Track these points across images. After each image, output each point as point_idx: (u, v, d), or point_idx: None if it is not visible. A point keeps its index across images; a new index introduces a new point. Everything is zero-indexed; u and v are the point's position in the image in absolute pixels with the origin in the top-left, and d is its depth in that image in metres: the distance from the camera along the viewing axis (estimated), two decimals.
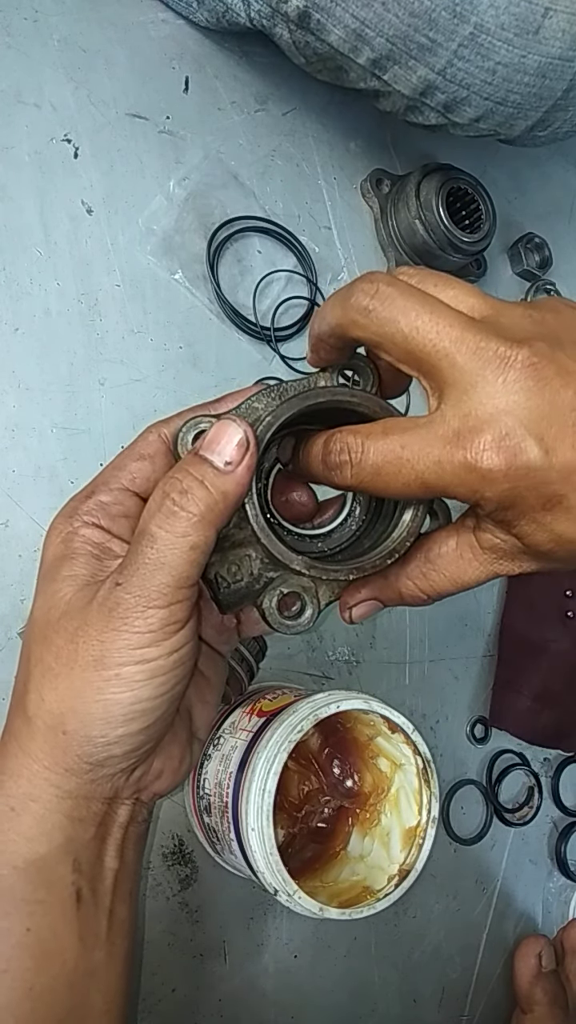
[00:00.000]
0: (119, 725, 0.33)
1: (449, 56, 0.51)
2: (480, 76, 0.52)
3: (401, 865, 0.47)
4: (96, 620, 0.33)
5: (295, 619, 0.35)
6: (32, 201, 0.55)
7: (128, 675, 0.33)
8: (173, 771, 0.38)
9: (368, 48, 0.52)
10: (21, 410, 0.53)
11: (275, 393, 0.36)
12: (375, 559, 0.36)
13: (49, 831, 0.34)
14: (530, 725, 0.68)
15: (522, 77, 0.52)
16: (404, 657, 0.64)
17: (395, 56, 0.52)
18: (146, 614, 0.32)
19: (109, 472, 0.37)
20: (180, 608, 0.33)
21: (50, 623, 0.35)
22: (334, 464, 0.33)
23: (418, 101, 0.55)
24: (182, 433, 0.35)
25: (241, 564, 0.35)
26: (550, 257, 0.76)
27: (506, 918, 0.67)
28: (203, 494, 0.32)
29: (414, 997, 0.62)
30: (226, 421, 0.34)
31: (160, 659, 0.33)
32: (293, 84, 0.66)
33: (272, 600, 0.35)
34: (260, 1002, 0.56)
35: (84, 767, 0.34)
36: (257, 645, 0.55)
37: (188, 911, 0.54)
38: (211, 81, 0.63)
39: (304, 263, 0.64)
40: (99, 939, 0.36)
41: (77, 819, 0.35)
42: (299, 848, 0.51)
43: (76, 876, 0.35)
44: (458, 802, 0.65)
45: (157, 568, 0.32)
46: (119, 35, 0.60)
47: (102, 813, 0.36)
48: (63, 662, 0.34)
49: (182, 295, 0.59)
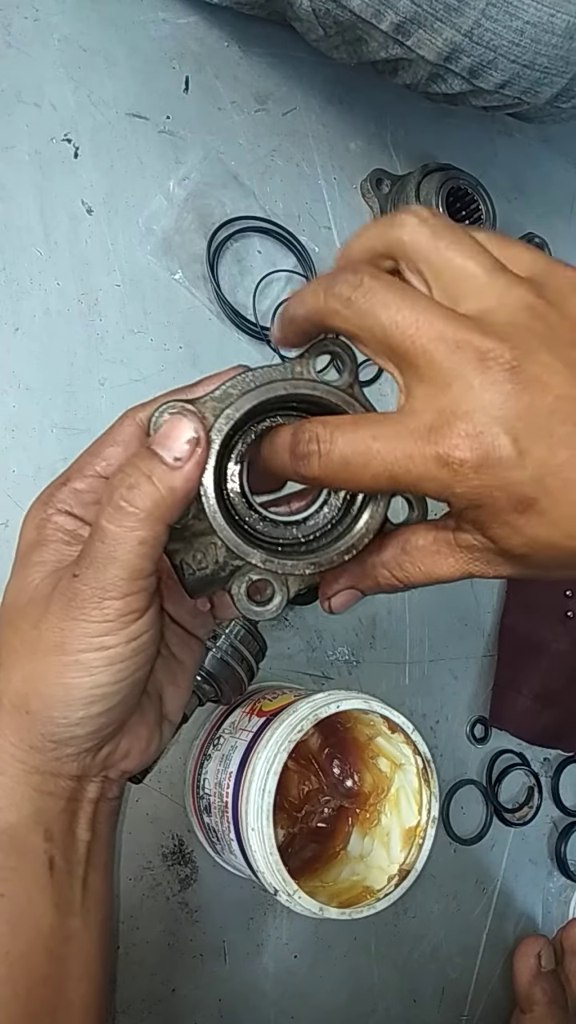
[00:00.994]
0: (79, 708, 0.34)
1: (476, 16, 0.50)
2: (508, 36, 0.51)
3: (401, 865, 0.47)
4: (56, 608, 0.34)
5: (264, 605, 0.35)
6: (32, 201, 0.55)
7: (87, 661, 0.34)
8: (141, 751, 0.39)
9: (392, 11, 0.51)
10: (21, 410, 0.53)
11: (252, 378, 0.35)
12: (332, 555, 0.36)
13: (18, 802, 0.36)
14: (530, 725, 0.68)
15: (550, 38, 0.51)
16: (404, 657, 0.64)
17: (420, 18, 0.51)
18: (102, 605, 0.33)
19: (84, 459, 0.38)
20: (136, 599, 0.33)
21: (18, 608, 0.36)
22: (302, 453, 0.33)
23: (442, 68, 0.54)
24: (154, 418, 0.34)
25: (207, 552, 0.35)
26: None
27: (506, 918, 0.67)
28: (150, 490, 0.32)
29: (414, 997, 0.62)
30: (179, 416, 0.33)
31: (119, 647, 0.34)
32: (293, 84, 0.66)
33: (242, 587, 0.35)
34: (260, 1002, 0.56)
35: (48, 745, 0.35)
36: (257, 645, 0.55)
37: (188, 911, 0.54)
38: (211, 81, 0.63)
39: (304, 263, 0.64)
40: (74, 907, 0.37)
41: (46, 792, 0.36)
42: (299, 848, 0.51)
43: (48, 845, 0.36)
44: (458, 802, 0.65)
45: (109, 562, 0.32)
46: (119, 35, 0.60)
47: (71, 789, 0.37)
48: (27, 646, 0.35)
49: (182, 295, 0.59)
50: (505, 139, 0.77)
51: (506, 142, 0.77)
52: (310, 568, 0.35)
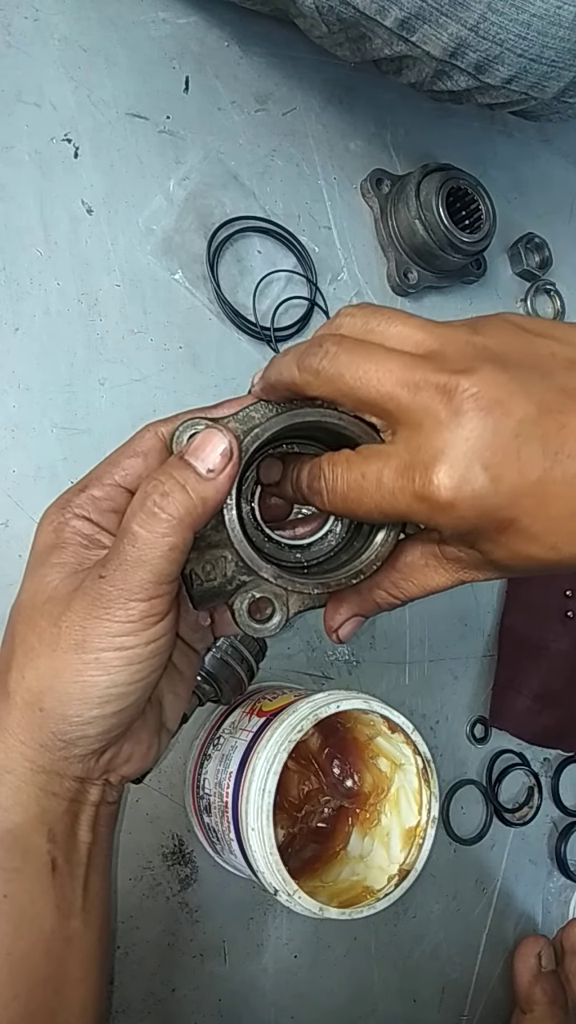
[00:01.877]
0: (94, 706, 0.35)
1: (483, 10, 0.50)
2: (514, 30, 0.51)
3: (401, 865, 0.47)
4: (79, 607, 0.35)
5: (263, 623, 0.37)
6: (32, 201, 0.55)
7: (107, 660, 0.34)
8: (141, 756, 0.40)
9: (396, 7, 0.51)
10: (21, 410, 0.53)
11: (272, 405, 0.37)
12: (341, 577, 0.37)
13: (24, 802, 0.36)
14: (530, 725, 0.68)
15: (557, 31, 0.51)
16: (404, 657, 0.64)
17: (425, 14, 0.51)
18: (128, 606, 0.34)
19: (103, 467, 0.39)
20: (160, 602, 0.35)
21: (36, 606, 0.36)
22: (315, 489, 0.35)
23: (448, 64, 0.54)
24: (178, 433, 0.36)
25: (216, 564, 0.37)
26: (550, 257, 0.76)
27: (506, 918, 0.67)
28: (183, 498, 0.34)
29: (414, 997, 0.62)
30: (213, 430, 0.35)
31: (138, 647, 0.35)
32: (293, 84, 0.66)
33: (243, 602, 0.36)
34: (260, 1002, 0.56)
35: (58, 744, 0.36)
36: (257, 645, 0.55)
37: (188, 911, 0.54)
38: (211, 81, 0.63)
39: (304, 263, 0.64)
40: (75, 908, 0.38)
41: (51, 792, 0.37)
42: (299, 848, 0.51)
43: (51, 846, 0.37)
44: (458, 802, 0.65)
45: (138, 565, 0.34)
46: (119, 34, 0.60)
47: (74, 790, 0.38)
48: (46, 643, 0.35)
49: (182, 295, 0.59)
50: (505, 139, 0.77)
51: (506, 142, 0.77)
52: (318, 588, 0.37)
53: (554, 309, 0.77)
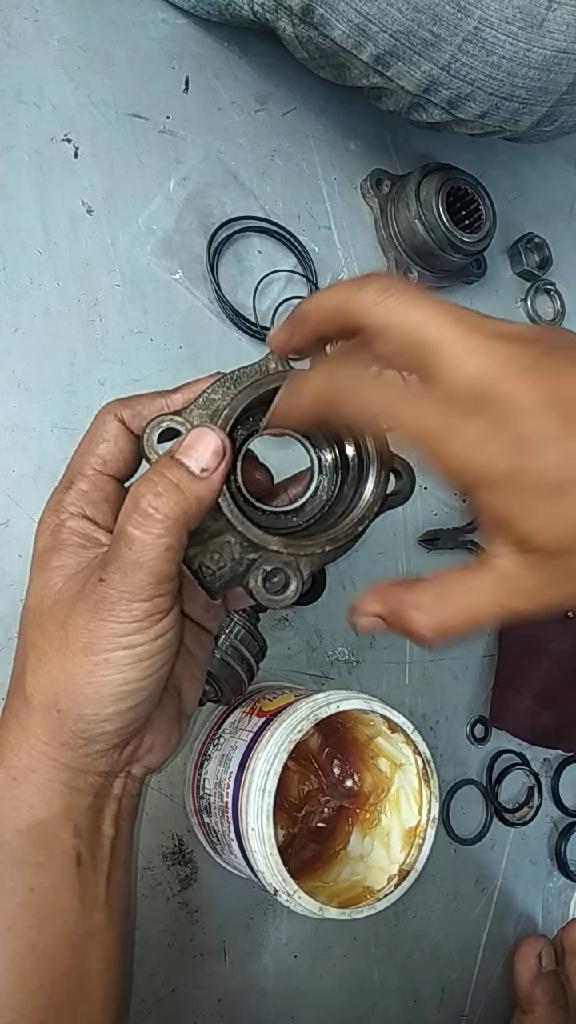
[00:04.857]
0: (109, 704, 0.35)
1: (453, 51, 0.51)
2: (484, 71, 0.52)
3: (401, 865, 0.47)
4: (84, 610, 0.35)
5: (281, 594, 0.37)
6: (32, 201, 0.55)
7: (116, 659, 0.35)
8: (163, 745, 0.40)
9: (371, 44, 0.52)
10: (21, 410, 0.53)
11: (230, 382, 0.38)
12: (347, 528, 0.37)
13: (49, 798, 0.37)
14: (530, 725, 0.68)
15: (527, 71, 0.52)
16: (404, 657, 0.64)
17: (399, 52, 0.52)
18: (131, 607, 0.34)
19: (79, 460, 0.39)
20: (162, 600, 0.35)
21: (43, 611, 0.37)
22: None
23: (422, 98, 0.55)
24: (147, 433, 0.37)
25: (222, 551, 0.37)
26: (550, 257, 0.76)
27: (506, 918, 0.67)
28: (178, 497, 0.34)
29: (414, 997, 0.62)
30: (203, 429, 0.36)
31: (146, 644, 0.35)
32: (293, 84, 0.66)
33: (257, 579, 0.37)
34: (260, 1002, 0.56)
35: (79, 742, 0.36)
36: (257, 645, 0.55)
37: (188, 911, 0.54)
38: (211, 81, 0.63)
39: (304, 263, 0.64)
40: (98, 901, 0.38)
41: (75, 789, 0.37)
42: (299, 848, 0.51)
43: (76, 841, 0.37)
44: (458, 802, 0.65)
45: (136, 567, 0.34)
46: (119, 35, 0.59)
47: (98, 785, 0.38)
48: (55, 647, 0.36)
49: (182, 295, 0.59)
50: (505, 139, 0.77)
51: (506, 142, 0.77)
52: (329, 545, 0.37)
53: (554, 309, 0.77)
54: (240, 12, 0.57)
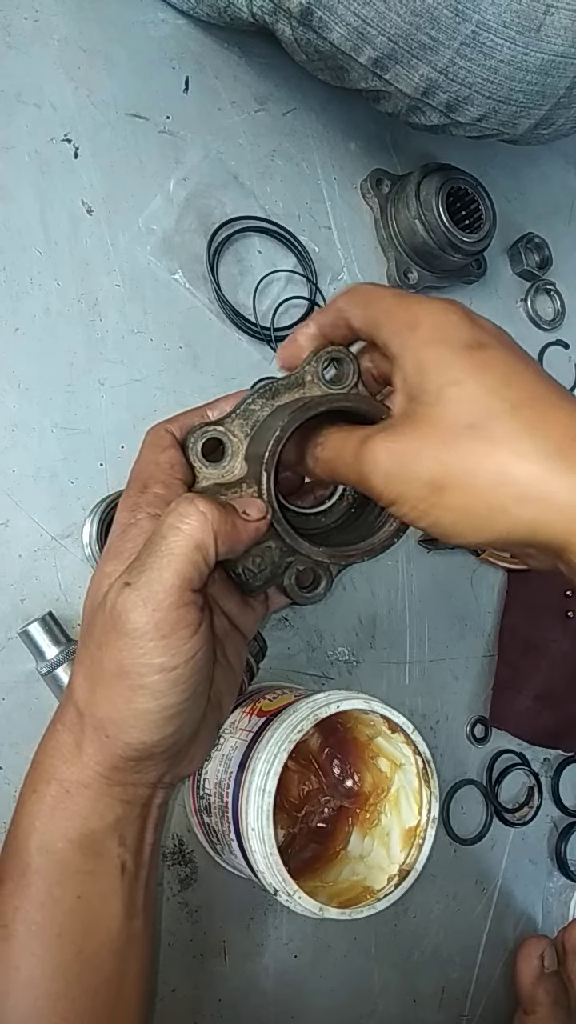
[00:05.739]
0: (154, 732, 0.37)
1: (451, 55, 0.51)
2: (482, 74, 0.52)
3: (401, 865, 0.47)
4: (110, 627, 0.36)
5: (313, 590, 0.42)
6: (32, 201, 0.55)
7: (152, 685, 0.36)
8: (203, 755, 0.43)
9: (370, 47, 0.52)
10: (21, 410, 0.53)
11: (269, 394, 0.41)
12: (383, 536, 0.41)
13: (102, 811, 0.38)
14: (530, 725, 0.68)
15: (524, 75, 0.52)
16: (404, 657, 0.64)
17: (397, 55, 0.52)
18: (155, 616, 0.35)
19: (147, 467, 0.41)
20: (188, 611, 0.36)
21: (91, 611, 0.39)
22: None
23: (420, 101, 0.55)
24: (192, 443, 0.40)
25: (263, 556, 0.40)
26: (550, 257, 0.76)
27: (506, 918, 0.67)
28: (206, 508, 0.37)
29: (414, 997, 0.62)
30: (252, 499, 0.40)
31: (179, 668, 0.36)
32: (293, 84, 0.66)
33: (292, 578, 0.41)
34: (260, 1002, 0.56)
35: (129, 764, 0.38)
36: (257, 645, 0.55)
37: (188, 911, 0.54)
38: (211, 81, 0.63)
39: (304, 263, 0.64)
40: (137, 908, 0.40)
41: (126, 801, 0.39)
42: (299, 848, 0.51)
43: (121, 850, 0.39)
44: (458, 802, 0.65)
45: (165, 562, 0.36)
46: (119, 35, 0.59)
47: (146, 796, 0.40)
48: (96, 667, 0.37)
49: (182, 295, 0.59)
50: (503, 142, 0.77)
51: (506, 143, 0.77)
52: (367, 555, 0.41)
53: (554, 309, 0.77)
54: (239, 14, 0.57)
